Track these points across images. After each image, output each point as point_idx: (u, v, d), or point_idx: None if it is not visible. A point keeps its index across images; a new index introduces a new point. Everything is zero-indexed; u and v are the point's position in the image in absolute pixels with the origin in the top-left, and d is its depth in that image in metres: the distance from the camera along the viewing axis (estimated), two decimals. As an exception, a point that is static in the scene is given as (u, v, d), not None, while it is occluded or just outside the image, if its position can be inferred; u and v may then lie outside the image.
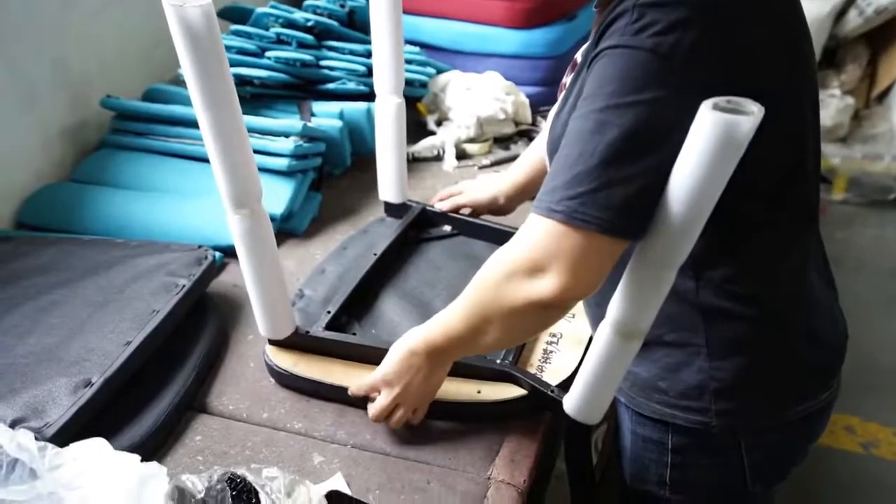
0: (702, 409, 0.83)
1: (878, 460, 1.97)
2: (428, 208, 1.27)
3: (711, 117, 0.58)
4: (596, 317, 0.93)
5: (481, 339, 0.80)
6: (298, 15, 1.51)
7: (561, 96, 0.87)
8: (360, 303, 1.07)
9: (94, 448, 0.67)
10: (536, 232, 0.69)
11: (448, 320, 0.81)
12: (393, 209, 1.30)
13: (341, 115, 1.43)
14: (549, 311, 0.74)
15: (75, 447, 0.68)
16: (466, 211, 1.26)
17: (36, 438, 0.71)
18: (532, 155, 1.22)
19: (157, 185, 1.33)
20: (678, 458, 0.88)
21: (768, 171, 0.74)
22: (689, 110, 0.62)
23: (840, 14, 3.03)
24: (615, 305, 0.74)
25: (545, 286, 0.70)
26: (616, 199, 0.65)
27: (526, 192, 1.22)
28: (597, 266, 0.70)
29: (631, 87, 0.64)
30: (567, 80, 0.99)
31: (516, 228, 1.22)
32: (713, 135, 0.59)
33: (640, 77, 0.64)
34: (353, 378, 0.92)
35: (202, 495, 0.76)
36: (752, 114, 0.58)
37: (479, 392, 0.91)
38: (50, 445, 0.67)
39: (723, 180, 0.62)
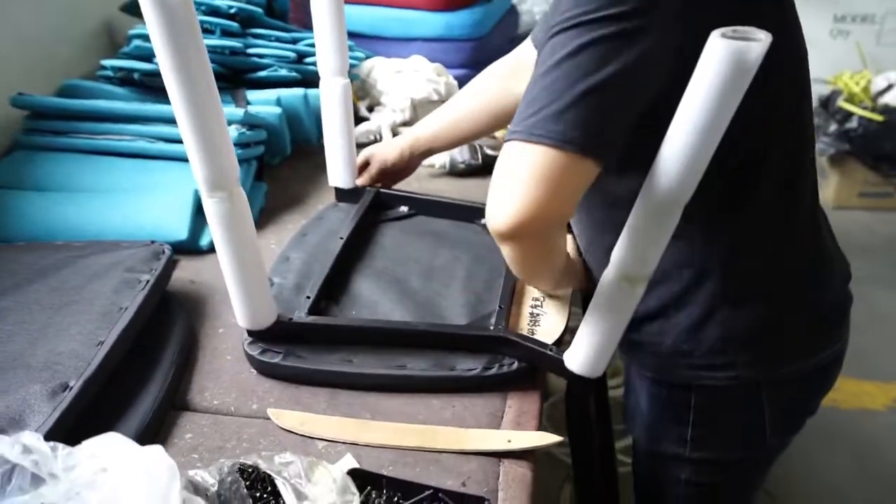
0: (727, 364, 0.85)
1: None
2: (382, 190, 1.26)
3: (721, 44, 0.59)
4: (597, 264, 0.93)
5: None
6: (221, 2, 1.45)
7: None
8: (335, 287, 1.04)
9: (111, 442, 0.62)
10: (502, 158, 0.68)
11: None
12: (344, 194, 1.27)
13: (279, 102, 1.39)
14: (515, 240, 0.71)
15: (89, 444, 0.62)
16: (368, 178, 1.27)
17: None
18: (443, 111, 1.22)
19: (89, 184, 1.24)
20: (700, 417, 0.89)
21: (765, 105, 0.75)
22: (647, 32, 0.64)
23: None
24: (620, 249, 0.75)
25: (507, 205, 0.67)
26: (573, 112, 0.64)
27: (434, 144, 1.22)
28: (556, 187, 0.66)
29: (584, 9, 0.64)
30: None
31: (472, 202, 1.24)
32: (723, 62, 0.59)
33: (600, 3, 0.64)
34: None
35: (216, 489, 0.72)
36: (760, 40, 0.60)
37: (509, 441, 0.85)
38: (60, 445, 0.61)
39: (731, 109, 0.63)
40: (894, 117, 3.00)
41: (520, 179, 0.65)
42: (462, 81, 1.71)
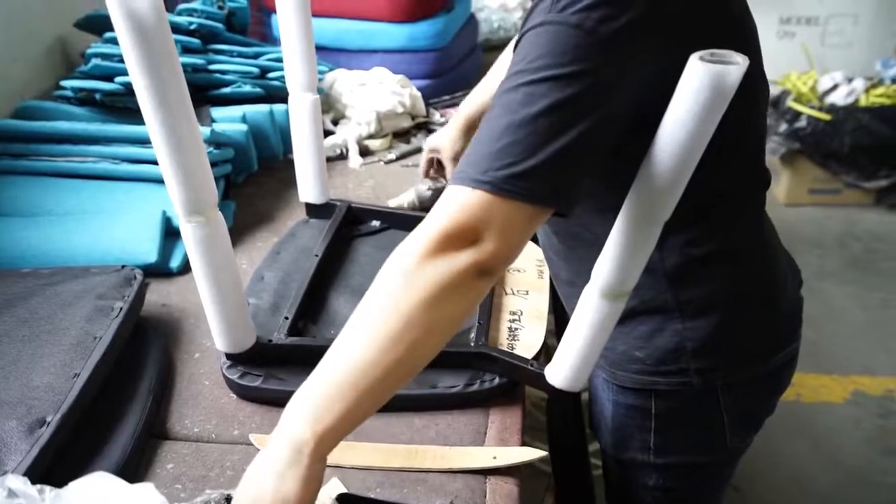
0: (680, 371, 0.87)
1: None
2: (353, 205, 1.25)
3: (700, 68, 0.61)
4: (568, 294, 0.95)
5: (395, 372, 0.65)
6: (181, 19, 1.43)
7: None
8: (312, 306, 1.03)
9: (99, 482, 0.61)
10: (461, 202, 0.64)
11: (346, 372, 0.65)
12: (315, 210, 1.26)
13: (244, 119, 1.37)
14: (482, 278, 0.66)
15: (76, 485, 0.61)
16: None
17: None
18: (484, 85, 1.25)
19: (52, 208, 1.21)
20: (661, 423, 0.90)
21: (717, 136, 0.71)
22: (617, 85, 0.65)
23: None
24: (602, 268, 0.76)
25: (479, 250, 0.64)
26: (544, 170, 0.64)
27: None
28: (524, 233, 0.68)
29: (557, 61, 0.64)
30: None
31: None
32: (702, 86, 0.61)
33: (565, 51, 0.64)
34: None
35: (204, 521, 0.72)
36: (738, 64, 0.62)
37: (494, 458, 0.85)
38: (47, 487, 0.60)
39: (710, 131, 0.65)
40: (840, 116, 3.09)
41: (492, 228, 0.64)
42: (426, 92, 1.72)
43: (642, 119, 0.67)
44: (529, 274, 1.12)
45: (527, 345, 0.98)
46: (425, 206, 1.33)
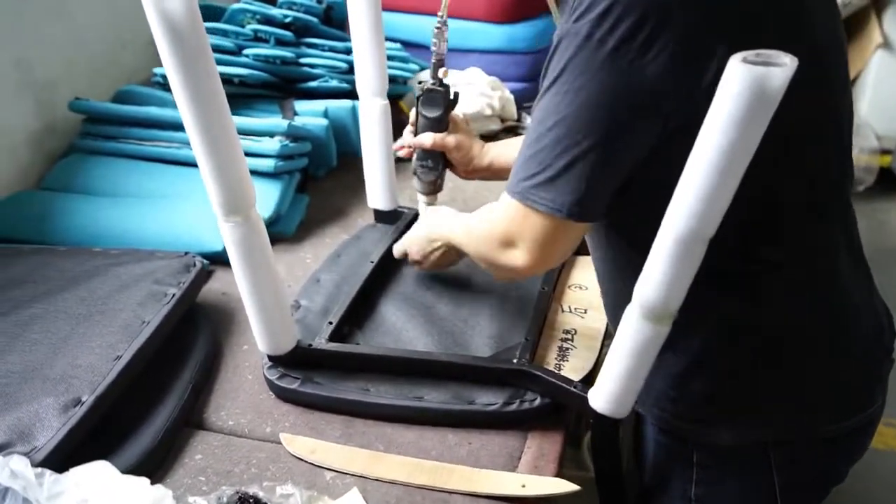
0: (711, 421, 0.80)
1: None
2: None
3: (741, 70, 0.54)
4: (613, 315, 0.89)
5: None
6: (276, 11, 1.45)
7: None
8: (360, 312, 1.02)
9: (98, 472, 0.61)
10: (503, 210, 0.75)
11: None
12: (383, 216, 1.25)
13: (326, 114, 1.38)
14: (514, 276, 0.80)
15: (76, 472, 0.62)
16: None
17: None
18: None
19: (133, 190, 1.26)
20: (703, 474, 0.83)
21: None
22: (629, 95, 0.64)
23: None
24: (642, 286, 0.69)
25: (514, 259, 0.76)
26: (562, 182, 0.68)
27: (494, 160, 1.14)
28: (557, 244, 0.74)
29: (569, 75, 0.65)
30: None
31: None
32: (744, 89, 0.54)
33: (577, 65, 0.64)
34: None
35: (212, 519, 0.71)
36: (784, 66, 0.55)
37: (523, 486, 0.81)
38: (48, 472, 0.61)
39: (755, 141, 0.58)
40: None
41: (523, 240, 0.74)
42: (520, 95, 1.67)
43: (684, 128, 0.63)
44: (591, 292, 1.06)
45: (575, 367, 0.92)
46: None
